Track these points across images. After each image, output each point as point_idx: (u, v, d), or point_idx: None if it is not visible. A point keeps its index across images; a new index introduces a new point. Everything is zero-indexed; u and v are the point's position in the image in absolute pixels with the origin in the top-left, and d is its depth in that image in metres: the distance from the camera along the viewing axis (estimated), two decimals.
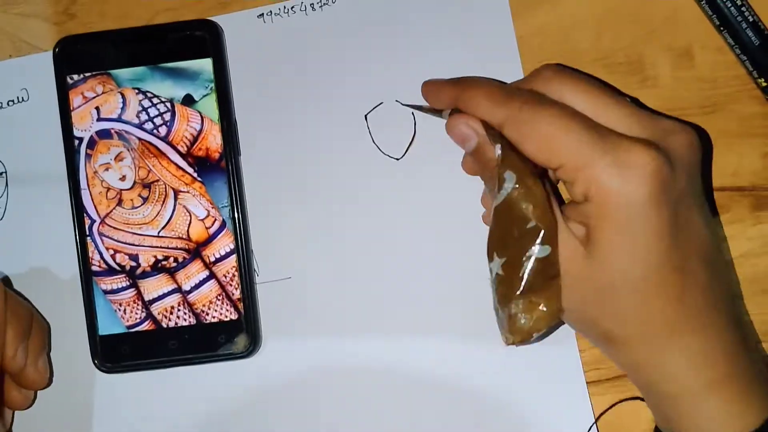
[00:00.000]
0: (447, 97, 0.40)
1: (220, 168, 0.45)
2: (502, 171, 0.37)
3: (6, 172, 0.47)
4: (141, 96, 0.45)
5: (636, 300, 0.36)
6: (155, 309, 0.45)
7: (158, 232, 0.45)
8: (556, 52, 0.45)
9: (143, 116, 0.45)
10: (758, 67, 0.43)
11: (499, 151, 0.37)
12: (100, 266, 0.45)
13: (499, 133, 0.38)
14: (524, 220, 0.36)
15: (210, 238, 0.45)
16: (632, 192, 0.34)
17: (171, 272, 0.45)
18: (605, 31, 0.45)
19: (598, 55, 0.45)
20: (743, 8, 0.43)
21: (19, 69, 0.47)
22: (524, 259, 0.36)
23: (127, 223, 0.45)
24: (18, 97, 0.47)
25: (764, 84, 0.43)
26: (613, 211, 0.35)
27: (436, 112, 0.42)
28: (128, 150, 0.45)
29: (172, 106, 0.45)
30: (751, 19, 0.43)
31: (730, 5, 0.43)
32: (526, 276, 0.36)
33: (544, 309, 0.36)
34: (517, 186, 0.36)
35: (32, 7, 0.48)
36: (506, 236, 0.37)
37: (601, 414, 0.44)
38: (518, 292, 0.36)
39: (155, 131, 0.45)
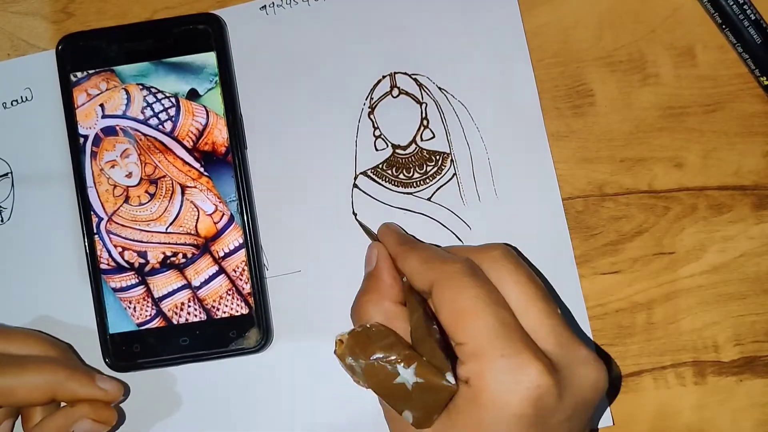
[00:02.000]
0: (389, 246, 0.41)
1: (226, 162, 0.44)
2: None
3: (12, 172, 0.46)
4: (145, 92, 0.45)
5: None
6: (165, 306, 0.45)
7: (166, 228, 0.45)
8: (557, 51, 0.45)
9: (148, 112, 0.45)
10: (760, 65, 0.43)
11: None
12: (108, 264, 0.45)
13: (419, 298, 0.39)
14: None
15: (218, 233, 0.44)
16: (507, 403, 0.34)
17: (180, 268, 0.45)
18: (607, 29, 0.45)
19: (599, 54, 0.45)
20: (745, 6, 0.43)
21: (22, 68, 0.47)
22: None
23: (135, 220, 0.45)
24: (22, 97, 0.46)
25: (766, 82, 0.43)
26: (481, 408, 0.35)
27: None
28: (134, 146, 0.45)
29: (177, 101, 0.45)
30: (753, 18, 0.43)
31: (732, 3, 0.43)
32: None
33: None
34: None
35: (30, 6, 0.47)
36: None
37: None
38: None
39: (160, 127, 0.45)
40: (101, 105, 0.45)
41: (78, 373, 0.42)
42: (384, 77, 0.46)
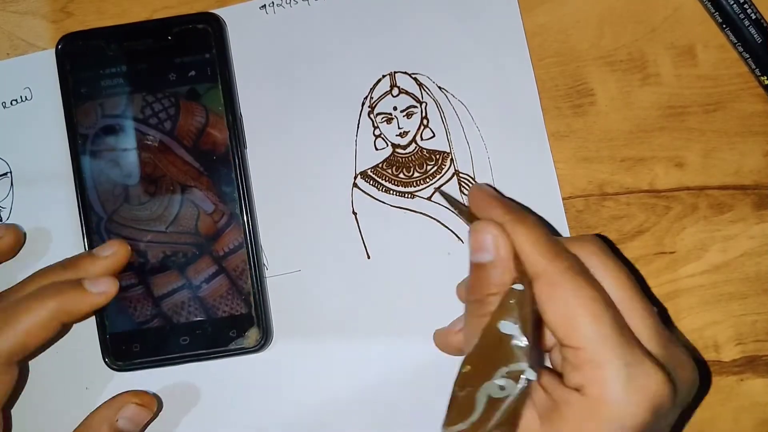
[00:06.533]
0: (495, 216, 0.37)
1: (226, 162, 0.44)
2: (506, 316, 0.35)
3: (11, 172, 0.46)
4: (145, 91, 0.45)
5: None
6: (165, 305, 0.44)
7: (166, 228, 0.45)
8: (558, 51, 0.45)
9: (148, 111, 0.45)
10: (761, 65, 0.43)
11: (520, 286, 0.35)
12: None
13: (527, 279, 0.35)
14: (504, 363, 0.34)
15: (218, 233, 0.44)
16: (630, 414, 0.33)
17: (180, 268, 0.44)
18: (607, 29, 0.45)
19: (600, 53, 0.45)
20: (746, 6, 0.43)
21: (21, 68, 0.46)
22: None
23: (135, 220, 0.45)
24: (21, 96, 0.46)
25: (767, 82, 0.43)
26: (599, 419, 0.33)
27: (470, 217, 0.39)
28: (134, 146, 0.45)
29: (177, 100, 0.45)
30: (753, 17, 0.43)
31: (732, 3, 0.43)
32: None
33: None
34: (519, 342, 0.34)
35: (30, 5, 0.47)
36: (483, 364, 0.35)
37: None
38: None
39: (160, 126, 0.45)
40: (101, 104, 0.45)
41: (65, 290, 0.41)
42: (384, 76, 0.46)
